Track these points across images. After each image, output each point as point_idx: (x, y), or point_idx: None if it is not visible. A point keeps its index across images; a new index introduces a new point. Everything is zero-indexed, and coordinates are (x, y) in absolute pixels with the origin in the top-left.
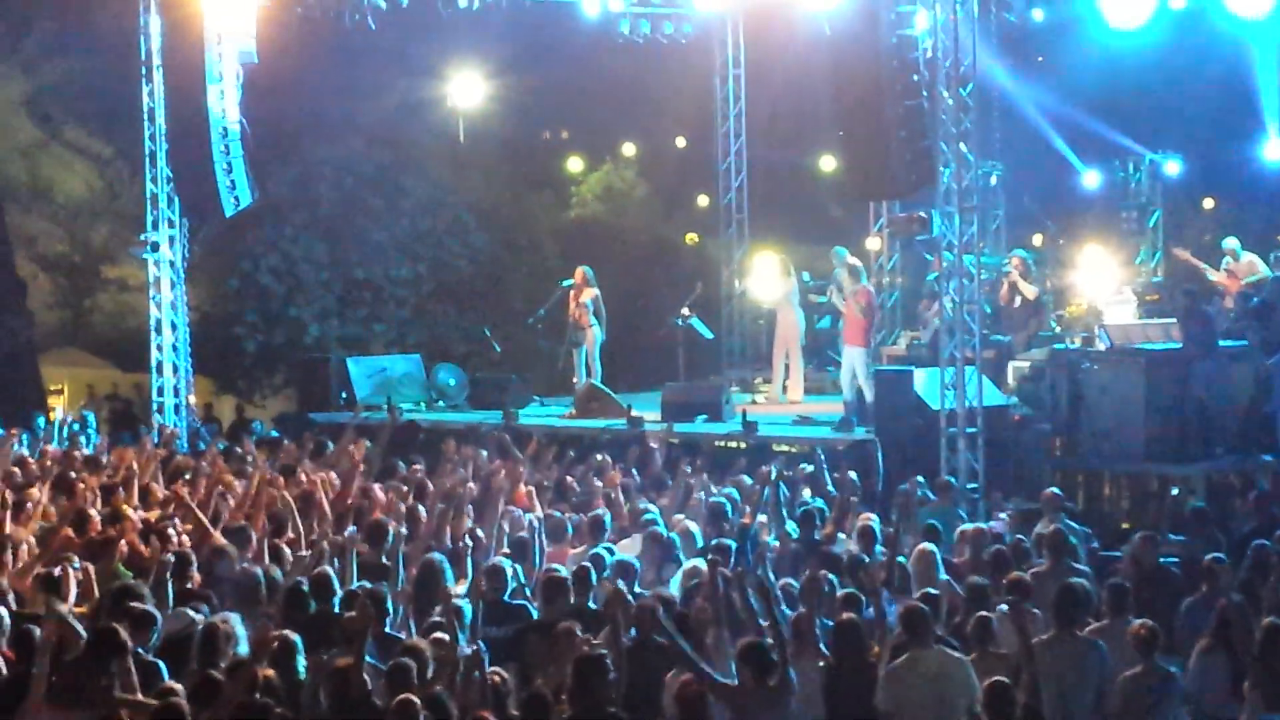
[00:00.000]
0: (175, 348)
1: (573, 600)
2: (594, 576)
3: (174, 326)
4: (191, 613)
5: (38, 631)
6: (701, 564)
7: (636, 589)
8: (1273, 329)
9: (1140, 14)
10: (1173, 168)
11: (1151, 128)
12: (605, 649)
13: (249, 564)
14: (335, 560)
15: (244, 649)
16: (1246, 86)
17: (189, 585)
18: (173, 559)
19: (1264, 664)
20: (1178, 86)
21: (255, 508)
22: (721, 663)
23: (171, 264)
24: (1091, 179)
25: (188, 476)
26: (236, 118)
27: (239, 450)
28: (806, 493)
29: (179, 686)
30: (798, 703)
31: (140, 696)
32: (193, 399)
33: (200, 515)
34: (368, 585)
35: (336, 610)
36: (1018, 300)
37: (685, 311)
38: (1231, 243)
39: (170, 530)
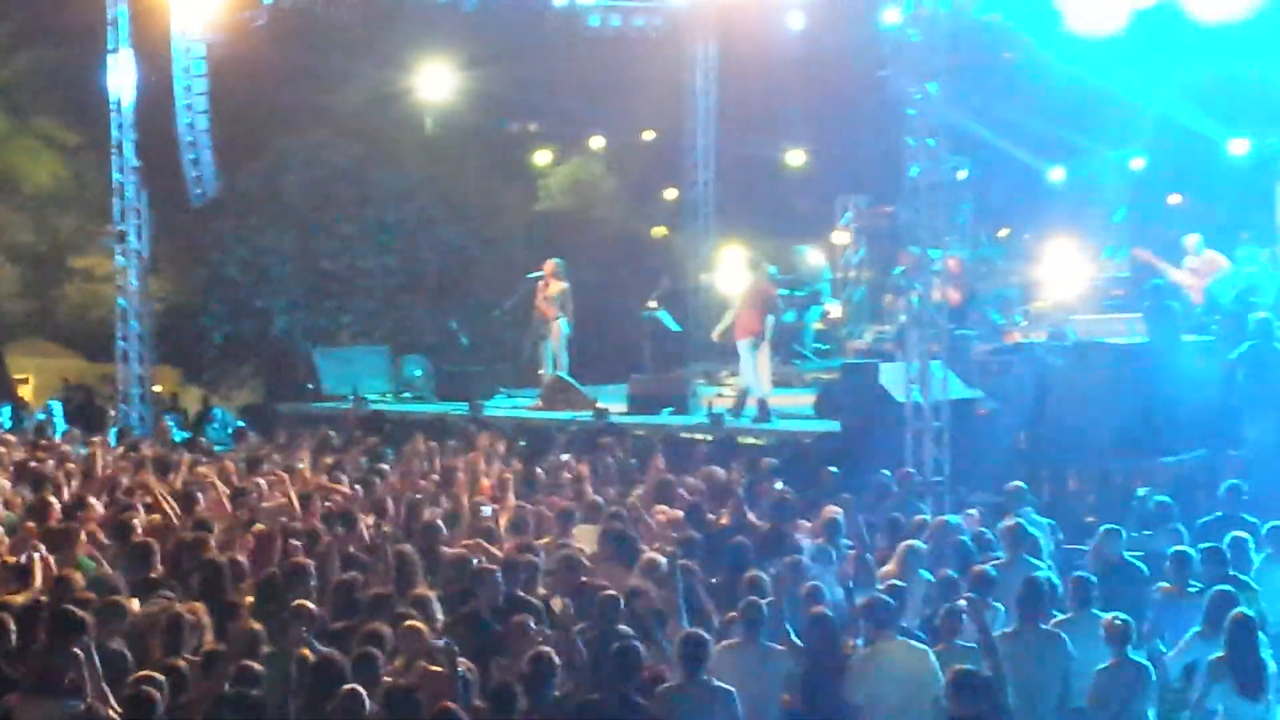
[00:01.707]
0: (141, 337)
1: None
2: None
3: (140, 316)
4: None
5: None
6: (659, 556)
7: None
8: (1239, 324)
9: (1110, 23)
10: (1138, 163)
11: (1117, 124)
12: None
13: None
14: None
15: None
16: (1213, 84)
17: (152, 575)
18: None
19: (1233, 653)
20: (1145, 82)
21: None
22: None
23: (138, 254)
24: (1057, 174)
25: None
26: (204, 108)
27: (203, 442)
28: (778, 484)
29: (158, 676)
30: (746, 695)
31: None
32: (158, 388)
33: (170, 506)
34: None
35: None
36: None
37: (652, 304)
38: (1192, 239)
39: (135, 520)
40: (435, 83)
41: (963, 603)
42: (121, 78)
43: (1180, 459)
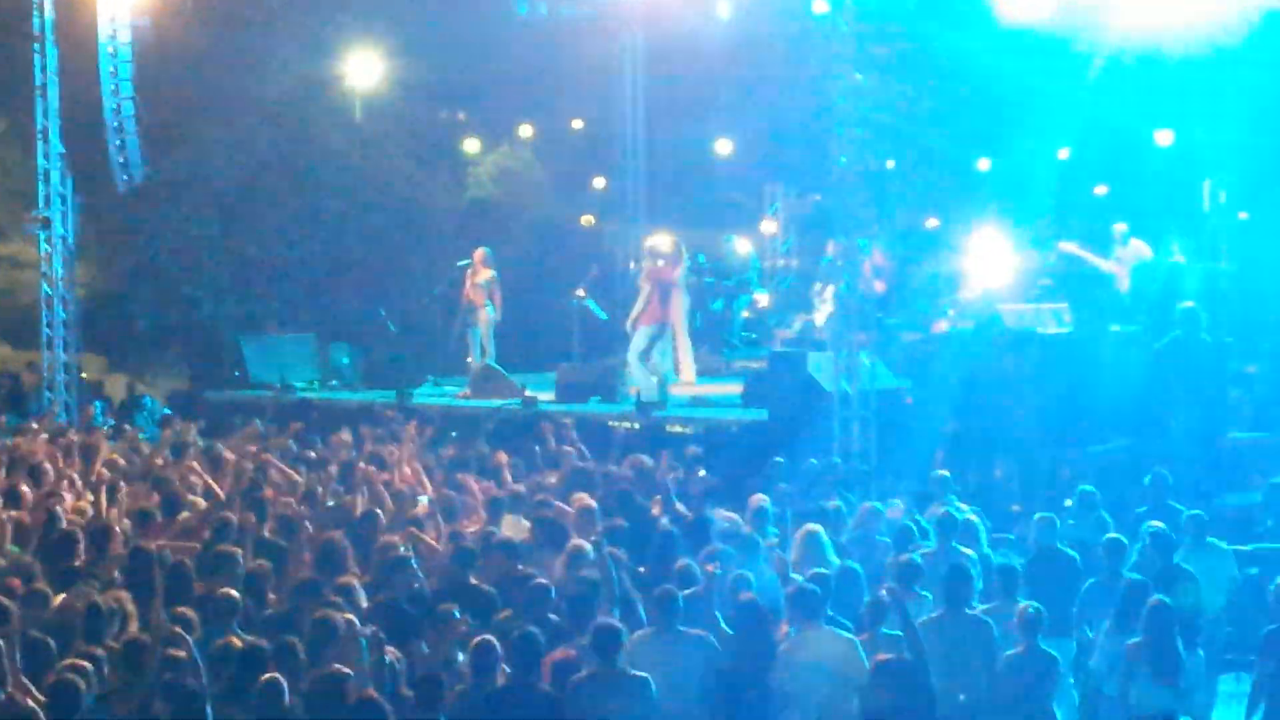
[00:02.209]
0: (66, 324)
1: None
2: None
3: (65, 303)
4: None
5: None
6: (587, 545)
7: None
8: (1165, 314)
9: (1038, 11)
10: (1065, 154)
11: (1044, 114)
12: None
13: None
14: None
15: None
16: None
17: (76, 563)
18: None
19: (1150, 640)
20: (1071, 73)
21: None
22: None
23: (63, 240)
24: (985, 164)
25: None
26: (129, 94)
27: (128, 428)
28: (701, 472)
29: (84, 665)
30: (663, 682)
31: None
32: (84, 375)
33: (92, 493)
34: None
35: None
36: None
37: (580, 293)
38: (1119, 228)
39: (58, 508)
40: (364, 70)
41: (884, 592)
42: (46, 63)
43: (1106, 448)
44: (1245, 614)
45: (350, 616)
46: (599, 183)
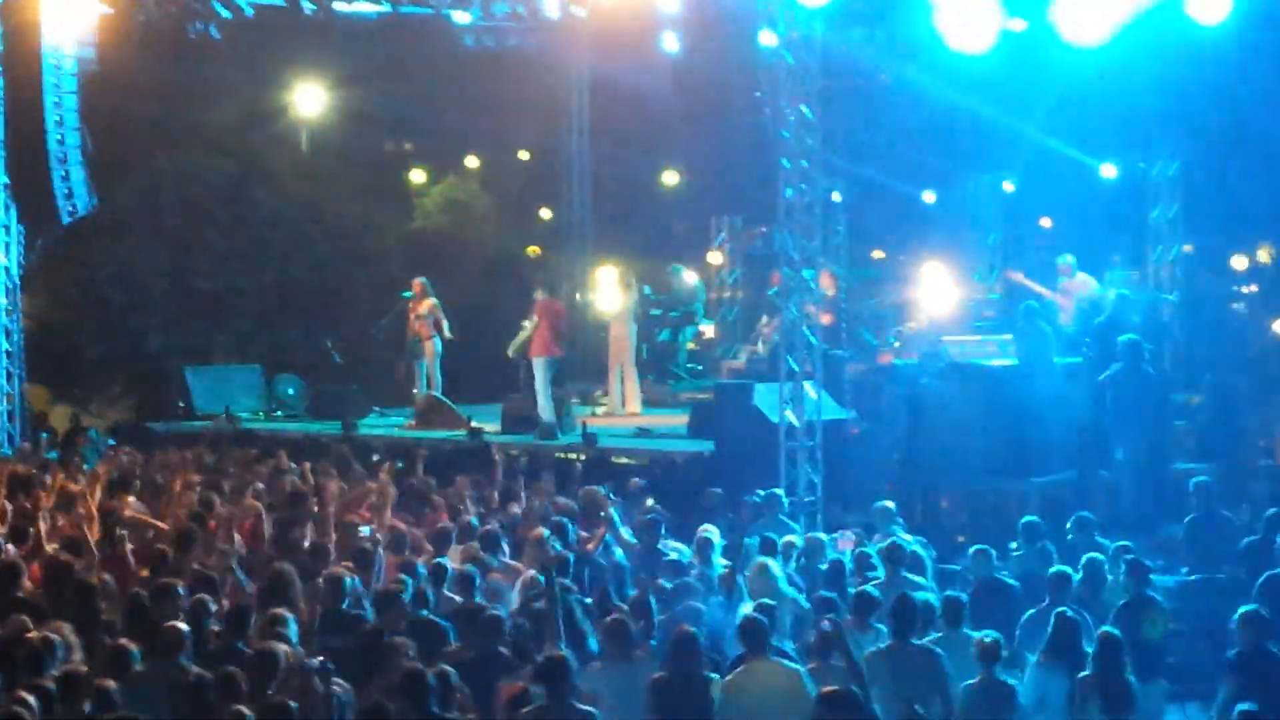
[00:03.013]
0: (10, 355)
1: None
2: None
3: (9, 334)
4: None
5: None
6: (539, 575)
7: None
8: (1109, 346)
9: (984, 39)
10: (1009, 186)
11: (989, 146)
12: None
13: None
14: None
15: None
16: (1081, 108)
17: (19, 594)
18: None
19: (1100, 672)
20: (1016, 106)
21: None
22: None
23: (7, 271)
24: (930, 197)
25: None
26: (74, 124)
27: (75, 460)
28: (649, 502)
29: (28, 697)
30: (619, 714)
31: None
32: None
33: (37, 525)
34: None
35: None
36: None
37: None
38: (1066, 260)
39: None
40: (311, 100)
41: (826, 623)
42: None
43: (1050, 480)
44: (1183, 646)
45: (286, 648)
46: (545, 214)
